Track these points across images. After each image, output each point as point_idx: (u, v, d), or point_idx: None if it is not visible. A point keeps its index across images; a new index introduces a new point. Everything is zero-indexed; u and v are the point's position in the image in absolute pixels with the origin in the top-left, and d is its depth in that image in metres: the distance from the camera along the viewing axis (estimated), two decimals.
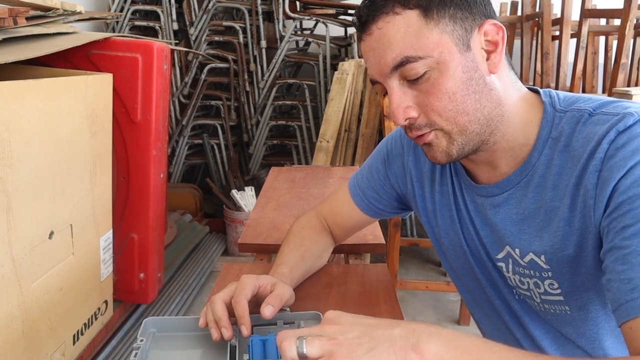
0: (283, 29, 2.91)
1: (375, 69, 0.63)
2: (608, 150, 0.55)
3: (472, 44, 0.60)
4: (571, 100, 0.63)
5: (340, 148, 2.51)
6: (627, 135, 0.54)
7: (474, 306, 0.83)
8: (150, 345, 0.69)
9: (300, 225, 0.94)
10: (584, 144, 0.58)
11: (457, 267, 0.80)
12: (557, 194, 0.61)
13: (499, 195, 0.68)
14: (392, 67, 0.60)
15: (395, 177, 0.85)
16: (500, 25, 0.62)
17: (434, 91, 0.60)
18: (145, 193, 1.65)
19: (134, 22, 2.94)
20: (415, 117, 0.62)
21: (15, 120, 1.10)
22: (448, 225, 0.77)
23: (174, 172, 3.11)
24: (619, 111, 0.57)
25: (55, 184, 1.28)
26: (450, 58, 0.59)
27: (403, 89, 0.62)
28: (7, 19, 1.34)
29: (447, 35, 0.59)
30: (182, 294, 2.23)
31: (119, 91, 1.56)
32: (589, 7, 2.22)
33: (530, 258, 0.66)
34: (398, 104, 0.62)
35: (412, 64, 0.59)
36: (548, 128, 0.63)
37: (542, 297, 0.68)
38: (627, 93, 1.75)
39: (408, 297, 2.41)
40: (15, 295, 1.17)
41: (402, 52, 0.59)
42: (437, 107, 0.60)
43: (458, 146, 0.63)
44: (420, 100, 0.61)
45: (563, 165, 0.61)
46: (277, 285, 0.74)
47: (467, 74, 0.60)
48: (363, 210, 0.91)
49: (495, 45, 0.62)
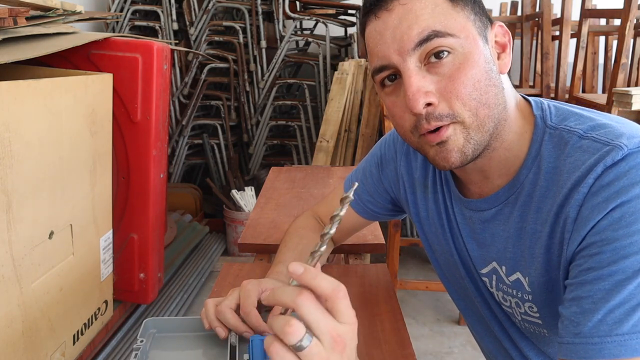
0: (283, 29, 2.91)
1: (393, 48, 0.57)
2: (592, 186, 0.53)
3: (488, 39, 0.60)
4: (563, 117, 0.60)
5: (340, 148, 2.51)
6: (613, 173, 0.52)
7: (465, 312, 0.83)
8: (151, 345, 0.69)
9: (298, 225, 0.94)
10: (570, 171, 0.55)
11: (448, 275, 0.80)
12: (539, 217, 0.59)
13: (487, 210, 0.66)
14: (417, 42, 0.55)
15: (388, 181, 0.85)
16: (507, 29, 0.62)
17: (459, 76, 0.55)
18: (145, 193, 1.65)
19: (134, 22, 2.94)
20: (435, 105, 0.56)
21: (15, 120, 1.10)
22: (439, 233, 0.76)
23: (174, 172, 3.11)
24: (610, 139, 0.54)
25: (55, 184, 1.27)
26: (475, 45, 0.57)
27: (422, 72, 0.57)
28: (7, 19, 1.34)
29: (471, 23, 0.57)
30: (182, 294, 2.23)
31: (119, 91, 1.56)
32: (589, 7, 2.22)
33: (516, 277, 0.65)
34: (418, 87, 0.56)
35: (440, 39, 0.55)
36: (537, 145, 0.60)
37: (522, 317, 0.68)
38: (627, 93, 1.75)
39: (408, 297, 2.40)
40: (15, 295, 1.17)
41: (430, 26, 0.55)
42: (463, 94, 0.56)
43: (474, 145, 0.58)
44: (443, 86, 0.56)
45: (548, 188, 0.58)
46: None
47: (488, 65, 0.58)
48: (359, 213, 0.90)
49: (503, 47, 0.61)
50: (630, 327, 0.48)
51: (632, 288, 0.48)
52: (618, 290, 0.49)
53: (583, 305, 0.51)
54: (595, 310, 0.50)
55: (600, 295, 0.50)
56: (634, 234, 0.49)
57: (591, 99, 2.22)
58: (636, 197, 0.50)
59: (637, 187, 0.50)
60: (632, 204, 0.50)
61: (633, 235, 0.49)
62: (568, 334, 0.51)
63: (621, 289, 0.49)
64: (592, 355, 0.49)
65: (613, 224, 0.50)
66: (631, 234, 0.49)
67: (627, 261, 0.49)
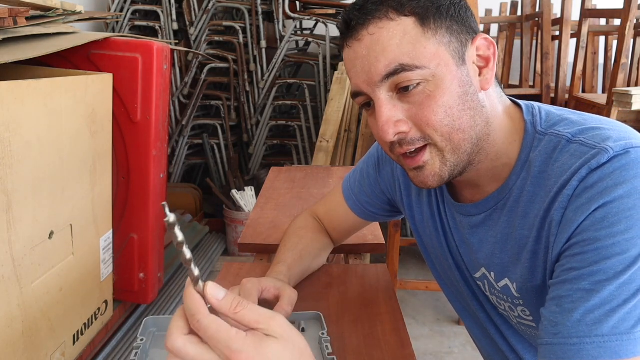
0: (283, 29, 2.91)
1: (362, 78, 0.57)
2: (577, 189, 0.52)
3: (466, 58, 0.58)
4: (553, 122, 0.60)
5: (340, 148, 2.51)
6: (597, 175, 0.51)
7: (462, 314, 0.83)
8: (151, 344, 0.69)
9: (297, 225, 0.94)
10: (557, 175, 0.55)
11: (445, 277, 0.80)
12: (526, 222, 0.59)
13: (476, 215, 0.66)
14: (384, 75, 0.55)
15: (385, 183, 0.84)
16: (492, 40, 0.60)
17: (429, 104, 0.55)
18: (145, 193, 1.65)
19: (134, 22, 2.94)
20: (406, 132, 0.57)
21: (15, 120, 1.10)
22: (434, 236, 0.76)
23: (174, 172, 3.11)
24: (597, 143, 0.53)
25: (55, 184, 1.27)
26: (448, 71, 0.55)
27: (393, 101, 0.57)
28: (7, 19, 1.34)
29: (444, 47, 0.56)
30: (182, 294, 2.22)
31: (119, 91, 1.56)
32: (589, 7, 2.22)
33: (504, 284, 0.64)
34: (388, 117, 0.56)
35: (407, 73, 0.55)
36: (527, 151, 0.60)
37: (517, 320, 0.67)
38: (627, 93, 1.75)
39: (408, 297, 2.41)
40: (15, 295, 1.17)
41: (396, 59, 0.55)
42: (433, 121, 0.55)
43: (450, 167, 0.58)
44: (413, 114, 0.56)
45: (536, 193, 0.58)
46: (284, 289, 0.73)
47: (463, 89, 0.56)
48: (357, 213, 0.90)
49: (486, 61, 0.59)
50: (610, 328, 0.47)
51: (613, 289, 0.48)
52: (598, 291, 0.48)
53: (563, 304, 0.50)
54: (574, 309, 0.49)
55: (579, 295, 0.49)
56: (616, 235, 0.49)
57: (591, 99, 2.22)
58: (619, 198, 0.49)
59: (621, 188, 0.50)
60: (616, 204, 0.49)
61: (615, 236, 0.49)
62: (547, 334, 0.50)
63: (601, 290, 0.48)
64: (571, 356, 0.48)
65: (596, 224, 0.50)
66: (614, 234, 0.49)
67: (609, 262, 0.48)
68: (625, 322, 0.47)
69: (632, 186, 0.49)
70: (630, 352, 0.46)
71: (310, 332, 0.73)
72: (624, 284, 0.47)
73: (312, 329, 0.73)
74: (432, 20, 0.55)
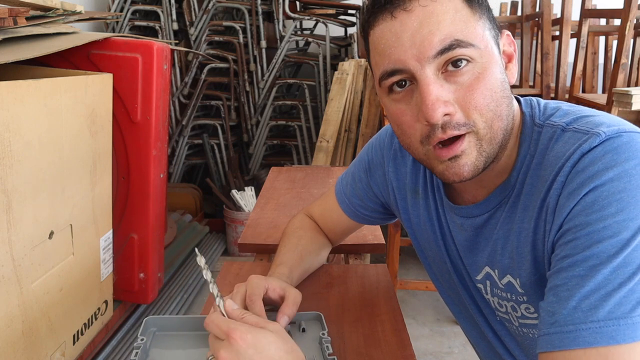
0: (283, 29, 2.91)
1: (412, 52, 0.53)
2: (570, 174, 0.52)
3: (500, 49, 0.59)
4: (549, 113, 0.60)
5: (340, 148, 2.51)
6: (588, 158, 0.51)
7: (459, 317, 0.82)
8: (151, 344, 0.69)
9: (295, 226, 0.94)
10: (553, 163, 0.55)
11: (442, 280, 0.79)
12: (526, 215, 0.58)
13: (479, 216, 0.65)
14: (438, 50, 0.53)
15: (377, 187, 0.83)
16: (512, 39, 0.61)
17: (478, 86, 0.54)
18: (145, 193, 1.65)
19: (134, 22, 2.94)
20: (452, 114, 0.54)
21: (15, 120, 1.10)
22: (431, 240, 0.75)
23: (174, 172, 3.11)
24: (590, 128, 0.53)
25: (55, 184, 1.27)
26: (492, 55, 0.55)
27: (440, 81, 0.54)
28: (7, 19, 1.34)
29: (488, 32, 0.56)
30: (182, 294, 2.23)
31: (119, 91, 1.56)
32: (589, 7, 2.22)
33: (507, 280, 0.64)
34: (437, 96, 0.53)
35: (462, 49, 0.53)
36: (526, 144, 0.59)
37: (520, 321, 0.66)
38: (627, 93, 1.75)
39: (408, 297, 2.41)
40: (15, 295, 1.17)
41: (452, 33, 0.53)
42: (481, 104, 0.54)
43: (485, 157, 0.56)
44: (461, 96, 0.54)
45: (534, 185, 0.58)
46: (288, 290, 0.73)
47: (503, 76, 0.56)
48: (350, 216, 0.90)
49: (510, 57, 0.60)
50: (605, 313, 0.46)
51: (607, 273, 0.47)
52: (592, 276, 0.47)
53: (559, 293, 0.49)
54: (570, 297, 0.48)
55: (574, 282, 0.48)
56: (606, 218, 0.48)
57: (591, 99, 2.22)
58: (609, 181, 0.49)
59: (611, 171, 0.49)
60: (606, 187, 0.49)
61: (606, 219, 0.48)
62: (545, 324, 0.49)
63: (595, 274, 0.47)
64: (567, 344, 0.47)
65: (586, 208, 0.49)
66: (604, 217, 0.48)
67: (601, 246, 0.48)
68: (622, 306, 0.46)
69: (622, 169, 0.49)
70: (628, 337, 0.45)
71: (310, 332, 0.72)
72: (618, 267, 0.47)
73: (313, 329, 0.73)
74: (477, 4, 0.56)
